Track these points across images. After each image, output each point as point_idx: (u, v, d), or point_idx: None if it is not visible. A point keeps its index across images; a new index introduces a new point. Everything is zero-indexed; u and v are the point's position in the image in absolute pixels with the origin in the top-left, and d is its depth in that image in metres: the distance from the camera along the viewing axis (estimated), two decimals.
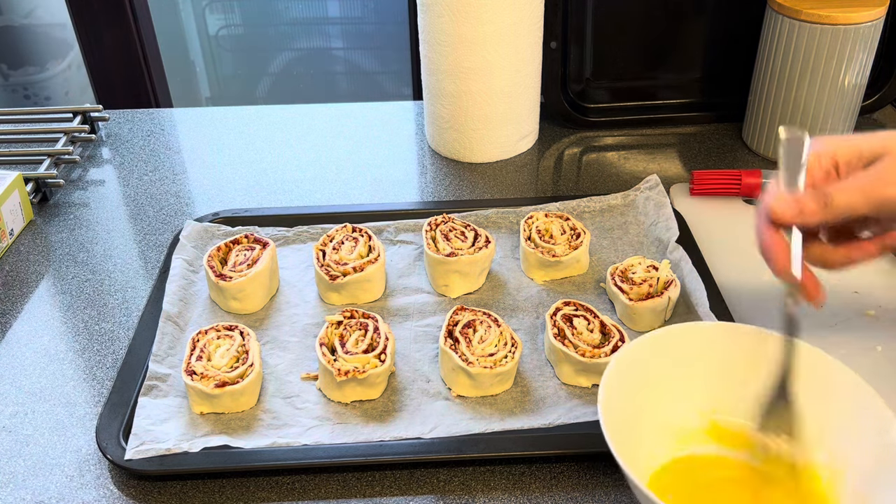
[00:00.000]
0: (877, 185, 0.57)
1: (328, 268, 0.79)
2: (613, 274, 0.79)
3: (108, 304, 0.83)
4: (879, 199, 0.57)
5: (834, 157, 0.60)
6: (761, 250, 0.60)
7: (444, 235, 0.82)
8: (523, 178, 1.02)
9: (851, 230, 0.64)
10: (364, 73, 2.37)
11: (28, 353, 0.77)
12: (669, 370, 0.62)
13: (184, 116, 1.19)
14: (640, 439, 0.59)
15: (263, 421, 0.67)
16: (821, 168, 0.60)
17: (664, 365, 0.62)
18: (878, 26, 0.93)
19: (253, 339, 0.72)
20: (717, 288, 0.78)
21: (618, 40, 1.09)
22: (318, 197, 0.99)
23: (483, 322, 0.72)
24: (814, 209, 0.58)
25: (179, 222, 0.95)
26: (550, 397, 0.69)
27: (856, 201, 0.57)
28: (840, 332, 0.75)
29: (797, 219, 0.58)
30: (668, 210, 0.88)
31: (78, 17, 1.53)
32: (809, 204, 0.58)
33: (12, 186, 0.92)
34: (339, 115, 1.18)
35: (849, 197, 0.57)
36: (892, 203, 0.57)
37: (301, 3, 2.26)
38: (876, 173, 0.58)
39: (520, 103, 1.02)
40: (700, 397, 0.62)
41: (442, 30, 0.96)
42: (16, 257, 0.90)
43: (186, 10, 2.19)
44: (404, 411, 0.68)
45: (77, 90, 2.12)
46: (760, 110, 1.02)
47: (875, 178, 0.57)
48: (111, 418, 0.67)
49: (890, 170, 0.57)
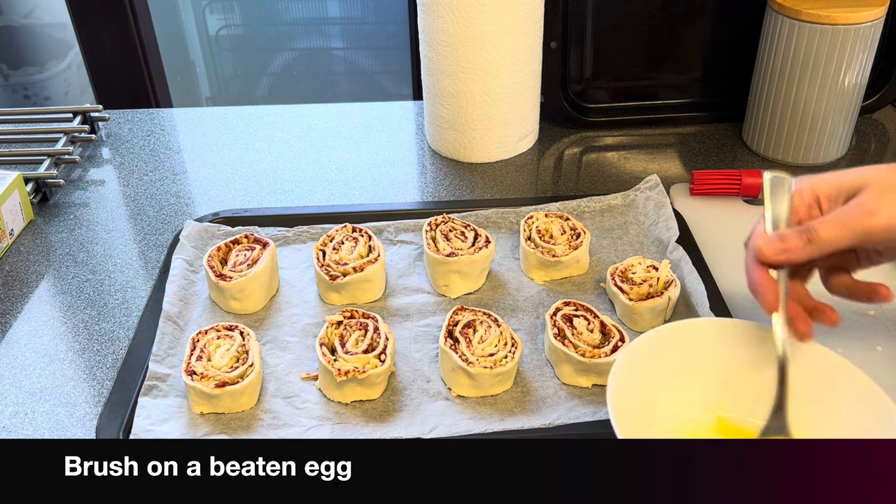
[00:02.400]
0: (859, 217, 0.58)
1: (328, 268, 0.79)
2: (613, 274, 0.79)
3: (108, 304, 0.83)
4: (862, 231, 0.58)
5: (815, 193, 0.61)
6: (751, 289, 0.61)
7: (444, 235, 0.82)
8: (523, 178, 1.02)
9: (846, 268, 0.65)
10: (364, 73, 2.37)
11: (28, 353, 0.77)
12: (676, 367, 0.62)
13: (184, 116, 1.19)
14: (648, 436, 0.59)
15: (263, 421, 0.67)
16: (803, 204, 0.62)
17: (671, 362, 0.62)
18: (878, 26, 0.93)
19: (253, 339, 0.72)
20: (717, 288, 0.78)
21: (618, 40, 1.09)
22: (318, 197, 0.99)
23: (483, 322, 0.72)
24: (798, 245, 0.59)
25: (179, 222, 0.95)
26: (550, 397, 0.69)
27: (839, 234, 0.58)
28: (840, 332, 0.75)
29: (782, 256, 0.59)
30: (668, 210, 0.88)
31: (78, 17, 1.53)
32: (794, 241, 0.59)
33: (12, 186, 0.92)
34: (339, 115, 1.18)
35: (832, 230, 0.58)
36: (875, 233, 0.58)
37: (301, 3, 2.26)
38: (857, 205, 0.58)
39: (520, 103, 1.02)
40: (707, 394, 0.62)
41: (442, 30, 0.96)
42: (16, 257, 0.90)
43: (186, 10, 2.18)
44: (404, 411, 0.68)
45: (77, 90, 2.12)
46: (760, 110, 1.02)
47: (856, 210, 0.58)
48: (111, 418, 0.67)
49: (870, 201, 0.58)
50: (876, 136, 1.10)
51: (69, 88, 2.10)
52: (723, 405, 0.62)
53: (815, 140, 1.00)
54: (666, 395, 0.61)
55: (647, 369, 0.60)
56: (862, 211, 0.58)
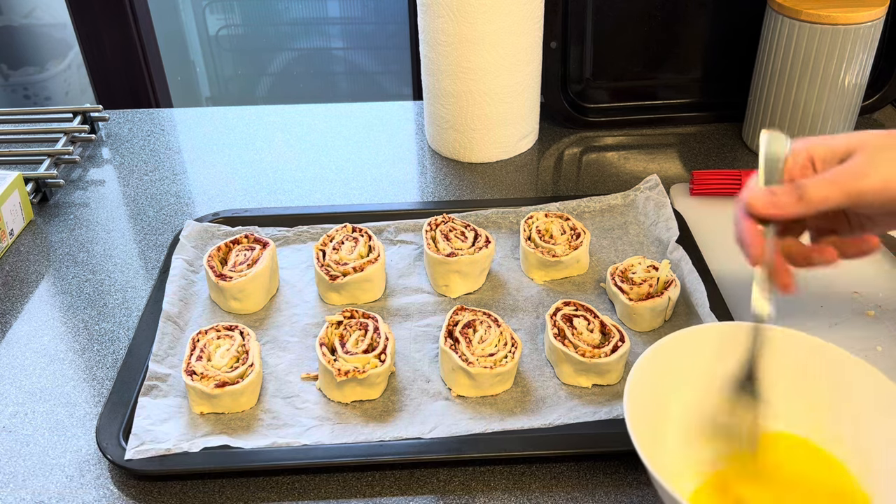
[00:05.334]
0: (850, 179, 0.59)
1: (328, 268, 0.79)
2: (613, 274, 0.79)
3: (108, 304, 0.83)
4: (853, 192, 0.58)
5: (810, 154, 0.62)
6: (737, 240, 0.62)
7: (444, 235, 0.82)
8: (523, 178, 1.02)
9: (835, 231, 0.66)
10: (364, 73, 2.37)
11: (28, 353, 0.77)
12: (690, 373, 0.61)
13: (184, 116, 1.19)
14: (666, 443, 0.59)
15: (263, 421, 0.67)
16: (797, 164, 0.62)
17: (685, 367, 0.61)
18: (878, 26, 0.93)
19: (253, 339, 0.72)
20: (717, 288, 0.78)
21: (618, 40, 1.09)
22: (318, 197, 0.99)
23: (483, 322, 0.72)
24: (788, 202, 0.60)
25: (179, 222, 0.95)
26: (550, 397, 0.69)
27: (830, 194, 0.59)
28: (840, 332, 0.75)
29: (771, 210, 0.60)
30: (668, 210, 0.88)
31: (78, 17, 1.53)
32: (784, 197, 0.60)
33: (12, 186, 0.92)
34: (339, 115, 1.18)
35: (823, 190, 0.59)
36: (865, 195, 0.58)
37: (301, 3, 2.26)
38: (850, 167, 0.59)
39: (520, 103, 1.02)
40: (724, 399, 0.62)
41: (442, 30, 0.96)
42: (16, 257, 0.90)
43: (186, 10, 2.18)
44: (404, 411, 0.68)
45: (77, 90, 2.12)
46: (760, 110, 1.02)
47: (849, 171, 0.59)
48: (111, 418, 0.67)
49: (863, 163, 0.59)
50: None
51: (69, 88, 2.11)
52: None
53: None
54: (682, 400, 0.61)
55: (662, 378, 0.60)
56: (853, 172, 0.59)
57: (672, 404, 0.61)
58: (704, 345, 0.62)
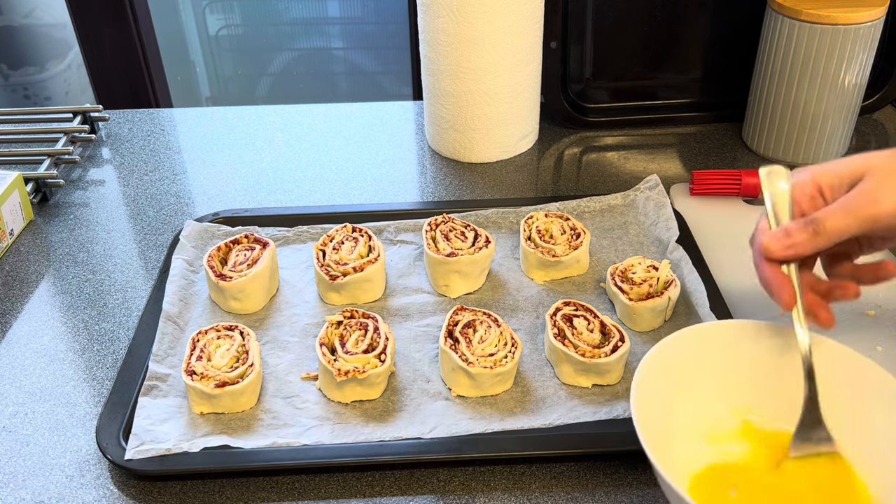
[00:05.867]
0: (863, 205, 0.57)
1: (328, 268, 0.79)
2: (613, 274, 0.79)
3: (108, 304, 0.83)
4: (868, 219, 0.57)
5: (817, 183, 0.61)
6: (765, 287, 0.60)
7: (444, 235, 0.82)
8: (523, 178, 1.02)
9: (848, 255, 0.65)
10: (364, 73, 2.37)
11: (28, 353, 0.77)
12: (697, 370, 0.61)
13: (184, 116, 1.19)
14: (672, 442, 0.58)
15: (263, 421, 0.67)
16: (805, 195, 0.61)
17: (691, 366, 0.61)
18: (878, 26, 0.93)
19: (253, 339, 0.72)
20: (717, 288, 0.78)
21: (618, 40, 1.09)
22: (318, 197, 0.99)
23: (483, 322, 0.72)
24: (805, 239, 0.58)
25: (179, 222, 0.95)
26: (550, 397, 0.69)
27: (846, 224, 0.57)
28: (840, 332, 0.75)
29: (791, 251, 0.59)
30: (668, 210, 0.88)
31: (78, 17, 1.53)
32: (799, 235, 0.58)
33: (12, 186, 0.92)
34: (339, 115, 1.18)
35: (839, 221, 0.58)
36: (881, 220, 0.57)
37: (301, 3, 2.26)
38: (861, 193, 0.58)
39: (520, 103, 1.02)
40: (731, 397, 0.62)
41: (442, 30, 0.96)
42: (16, 257, 0.90)
43: (186, 10, 2.19)
44: (404, 411, 0.68)
45: (77, 90, 2.12)
46: (760, 110, 1.02)
47: (861, 197, 0.58)
48: (111, 418, 0.67)
49: (874, 188, 0.58)
50: (876, 136, 1.10)
51: (69, 88, 2.10)
52: (748, 408, 0.62)
53: (815, 140, 1.00)
54: (688, 399, 0.61)
55: (669, 376, 0.60)
56: (866, 199, 0.57)
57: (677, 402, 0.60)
58: (710, 343, 0.62)
